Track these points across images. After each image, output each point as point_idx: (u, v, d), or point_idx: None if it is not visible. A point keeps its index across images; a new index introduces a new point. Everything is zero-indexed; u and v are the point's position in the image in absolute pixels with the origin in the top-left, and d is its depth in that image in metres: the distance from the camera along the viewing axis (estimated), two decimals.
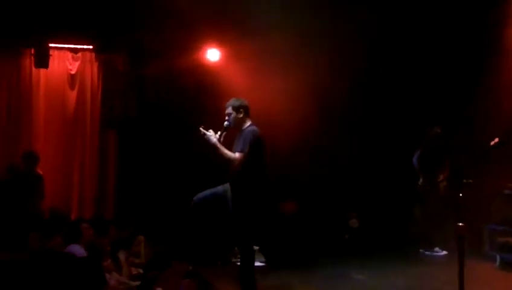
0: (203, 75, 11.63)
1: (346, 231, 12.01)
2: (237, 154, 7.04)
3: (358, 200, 12.05)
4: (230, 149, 7.17)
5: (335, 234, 11.81)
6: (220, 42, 11.73)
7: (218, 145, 7.12)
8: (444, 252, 10.43)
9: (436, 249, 10.53)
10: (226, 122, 7.26)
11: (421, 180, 10.88)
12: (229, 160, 7.09)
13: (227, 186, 7.32)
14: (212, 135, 7.15)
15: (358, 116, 11.93)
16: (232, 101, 7.36)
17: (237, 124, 7.29)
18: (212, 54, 11.83)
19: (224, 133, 7.22)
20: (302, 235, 11.11)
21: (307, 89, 11.11)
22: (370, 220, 11.98)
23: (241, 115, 7.28)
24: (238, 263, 7.44)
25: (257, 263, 8.80)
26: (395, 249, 10.79)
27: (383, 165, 11.86)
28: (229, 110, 7.31)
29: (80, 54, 11.99)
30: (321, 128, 11.58)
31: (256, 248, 9.20)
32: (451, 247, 9.70)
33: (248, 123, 7.30)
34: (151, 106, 11.61)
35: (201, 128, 7.20)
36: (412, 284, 8.36)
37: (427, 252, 10.56)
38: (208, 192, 7.44)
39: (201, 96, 11.30)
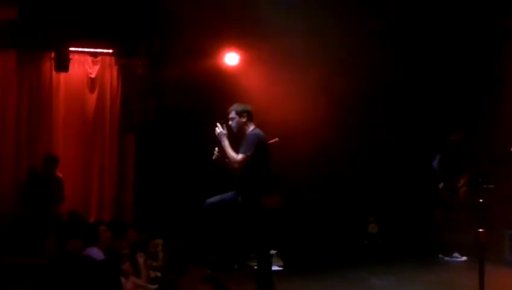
0: (222, 79, 11.62)
1: (365, 237, 11.95)
2: (240, 156, 7.04)
3: (377, 204, 11.99)
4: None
5: (354, 239, 11.76)
6: (239, 46, 11.73)
7: (224, 141, 7.14)
8: (464, 258, 10.34)
9: (456, 254, 10.43)
10: (215, 154, 7.26)
11: (441, 184, 10.79)
12: (231, 159, 7.09)
13: (236, 191, 7.30)
14: (222, 131, 7.18)
15: (377, 120, 11.87)
16: (235, 106, 7.39)
17: (240, 128, 7.30)
18: (231, 58, 11.83)
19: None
20: (320, 240, 11.07)
21: (326, 91, 11.10)
22: (389, 225, 11.91)
23: (244, 120, 7.29)
24: (256, 267, 7.41)
25: (275, 267, 8.79)
26: (414, 254, 10.71)
27: (402, 170, 11.79)
28: (233, 114, 7.33)
29: (99, 58, 12.06)
30: (339, 131, 11.55)
31: (273, 252, 9.20)
32: (471, 253, 9.64)
33: (252, 127, 7.30)
34: (170, 109, 11.63)
35: (219, 123, 7.22)
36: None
37: (446, 258, 10.47)
38: (217, 197, 7.43)
39: (219, 100, 11.27)
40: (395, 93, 11.86)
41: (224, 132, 7.17)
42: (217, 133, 7.18)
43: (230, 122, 7.31)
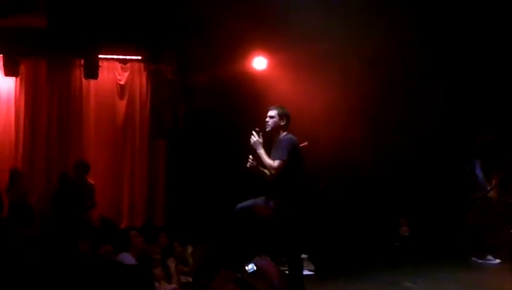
0: (250, 83, 11.63)
1: (397, 239, 11.87)
2: (276, 162, 7.00)
3: (409, 207, 11.90)
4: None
5: (385, 242, 11.68)
6: (267, 50, 11.73)
7: (260, 149, 7.10)
8: (497, 261, 10.19)
9: (489, 257, 10.29)
10: (249, 162, 7.23)
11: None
12: (268, 166, 7.06)
13: (268, 195, 7.27)
14: (257, 138, 7.14)
15: (407, 121, 11.77)
16: (278, 107, 7.33)
17: (275, 130, 7.24)
18: (259, 62, 11.84)
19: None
20: (351, 243, 11.02)
21: (354, 96, 11.04)
22: (421, 227, 11.81)
23: (283, 123, 7.23)
24: (286, 272, 7.39)
25: (306, 272, 8.76)
26: (447, 257, 10.60)
27: (434, 171, 11.70)
28: (274, 113, 7.25)
29: (128, 65, 12.16)
30: (369, 133, 11.49)
31: (304, 256, 9.16)
32: (505, 255, 9.52)
33: (285, 132, 7.26)
34: (199, 114, 11.67)
35: (254, 131, 7.19)
36: None
37: (479, 261, 10.33)
38: (248, 202, 7.41)
39: (248, 104, 11.30)
40: (424, 94, 11.75)
41: (260, 140, 7.13)
42: (252, 142, 7.14)
43: (267, 120, 7.26)
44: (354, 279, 9.24)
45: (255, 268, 4.92)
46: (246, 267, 5.08)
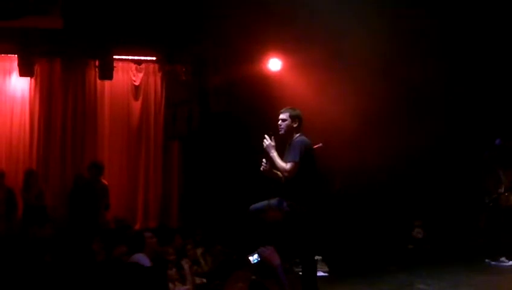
0: (265, 84, 11.63)
1: (411, 241, 11.84)
2: (289, 164, 6.99)
3: (424, 209, 11.86)
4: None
5: (399, 244, 11.65)
6: (282, 52, 11.71)
7: (273, 152, 7.09)
8: (511, 263, 10.15)
9: (503, 259, 10.24)
10: (263, 165, 7.22)
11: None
12: (281, 169, 7.05)
13: (281, 197, 7.27)
14: (269, 142, 7.14)
15: (423, 126, 11.73)
16: (290, 109, 7.31)
17: (288, 132, 7.23)
18: (274, 64, 11.83)
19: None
20: (365, 245, 10.99)
21: (369, 98, 11.01)
22: (435, 229, 11.78)
23: (295, 125, 7.21)
24: (301, 273, 7.39)
25: (320, 273, 8.75)
26: (460, 259, 10.56)
27: (449, 174, 11.66)
28: (286, 116, 7.24)
29: (143, 66, 12.20)
30: (383, 135, 11.45)
31: (319, 257, 9.15)
32: None
33: (298, 134, 7.24)
34: (214, 115, 11.68)
35: (267, 135, 7.19)
36: None
37: (493, 262, 10.29)
38: (262, 203, 7.41)
39: (263, 105, 11.30)
40: (440, 97, 11.72)
41: (273, 143, 7.13)
42: (265, 145, 7.14)
43: (279, 122, 7.26)
44: (368, 281, 9.20)
45: (259, 259, 4.91)
46: (250, 258, 5.07)
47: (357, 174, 11.50)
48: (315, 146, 7.37)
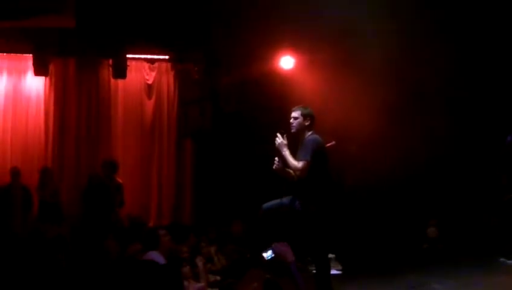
0: (278, 82, 11.62)
1: (425, 241, 11.79)
2: (301, 163, 6.98)
3: (438, 208, 11.81)
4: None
5: (413, 243, 11.60)
6: (295, 50, 11.69)
7: (285, 151, 7.07)
8: None
9: None
10: (275, 163, 7.20)
11: None
12: (293, 167, 7.04)
13: (294, 196, 7.26)
14: (281, 140, 7.12)
15: (435, 123, 11.69)
16: (302, 108, 7.30)
17: (300, 130, 7.22)
18: (286, 62, 11.81)
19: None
20: (379, 244, 10.97)
21: (382, 95, 10.98)
22: (449, 228, 11.72)
23: (307, 123, 7.19)
24: (314, 271, 7.38)
25: (334, 271, 8.72)
26: (475, 258, 10.49)
27: (463, 173, 11.61)
28: (297, 114, 7.22)
29: (156, 64, 12.25)
30: (397, 134, 11.42)
31: (332, 256, 9.13)
32: None
33: (310, 132, 7.22)
34: (226, 114, 11.70)
35: (279, 133, 7.18)
36: None
37: (508, 261, 10.22)
38: (274, 202, 7.40)
39: (276, 103, 11.29)
40: (454, 94, 11.66)
41: (285, 142, 7.11)
42: (277, 144, 7.13)
43: (291, 121, 7.25)
44: (382, 280, 9.18)
45: (273, 255, 4.90)
46: (264, 255, 5.06)
47: (371, 171, 11.47)
48: (327, 144, 7.35)
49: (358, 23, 10.48)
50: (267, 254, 4.86)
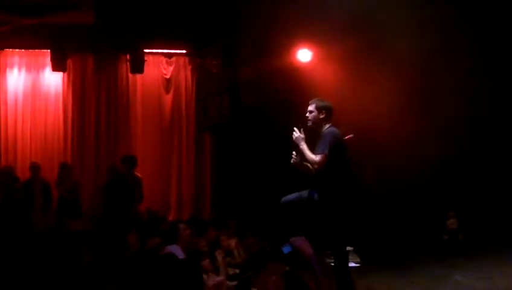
0: (296, 75, 11.59)
1: (445, 232, 11.74)
2: (318, 156, 6.96)
3: (458, 199, 11.74)
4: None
5: (433, 235, 11.55)
6: (314, 42, 11.65)
7: (303, 144, 7.07)
8: None
9: None
10: (293, 158, 7.20)
11: None
12: (310, 161, 7.03)
13: (313, 189, 7.25)
14: (299, 134, 7.11)
15: (455, 114, 11.61)
16: (317, 100, 7.27)
17: (316, 124, 7.19)
18: (303, 55, 11.78)
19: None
20: (398, 236, 10.93)
21: (402, 87, 10.92)
22: (470, 220, 11.65)
23: (322, 116, 7.16)
24: (332, 264, 7.37)
25: (352, 264, 8.71)
26: (495, 250, 10.42)
27: (484, 164, 11.54)
28: (312, 107, 7.20)
29: (173, 59, 12.27)
30: (416, 126, 11.35)
31: (350, 248, 9.12)
32: None
33: (327, 125, 7.19)
34: (245, 107, 11.69)
35: (296, 127, 7.17)
36: (506, 286, 8.06)
37: None
38: (293, 195, 7.39)
39: (294, 97, 11.26)
40: (477, 85, 11.56)
41: (302, 136, 7.11)
42: (294, 138, 7.12)
43: (307, 114, 7.24)
44: (401, 272, 9.14)
45: (291, 249, 4.91)
46: (282, 248, 5.07)
47: (391, 164, 11.43)
48: (346, 137, 7.33)
49: (376, 13, 10.44)
50: (286, 248, 4.87)
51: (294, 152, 7.15)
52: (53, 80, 11.88)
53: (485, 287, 8.11)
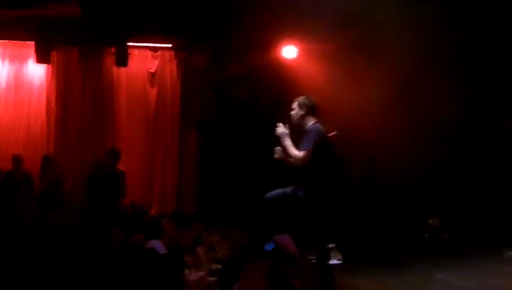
0: (282, 72, 11.61)
1: (426, 230, 11.80)
2: (302, 153, 6.98)
3: (441, 198, 11.81)
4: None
5: (414, 233, 11.61)
6: (298, 39, 11.67)
7: (286, 140, 7.08)
8: None
9: None
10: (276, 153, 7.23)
11: None
12: (294, 157, 7.05)
13: (297, 185, 7.26)
14: (283, 131, 7.13)
15: (438, 113, 11.66)
16: (300, 97, 7.31)
17: (299, 121, 7.22)
18: (289, 51, 11.80)
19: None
20: (380, 233, 10.98)
21: (391, 86, 10.96)
22: (453, 219, 11.72)
23: (302, 112, 7.18)
24: (314, 261, 7.39)
25: (334, 261, 8.73)
26: (479, 248, 10.46)
27: (466, 163, 11.61)
28: (294, 105, 7.24)
29: (159, 53, 12.24)
30: (400, 124, 11.41)
31: (332, 245, 9.14)
32: None
33: (312, 121, 7.21)
34: (230, 103, 11.69)
35: (281, 123, 7.19)
36: (496, 285, 8.11)
37: (511, 252, 10.22)
38: (277, 191, 7.41)
39: (281, 93, 11.27)
40: (458, 83, 11.61)
41: (287, 131, 7.12)
42: (278, 133, 7.14)
43: (291, 112, 7.28)
44: (382, 269, 9.17)
45: (273, 247, 4.94)
46: (266, 246, 5.10)
47: (375, 161, 11.47)
48: (330, 134, 7.35)
49: (364, 11, 10.46)
50: (269, 246, 4.89)
51: (277, 147, 7.17)
52: (37, 72, 11.81)
53: (471, 285, 8.16)
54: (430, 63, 11.22)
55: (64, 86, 11.80)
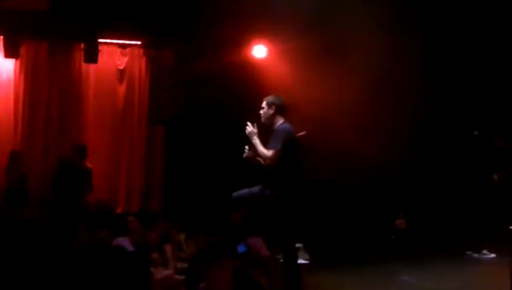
0: (251, 71, 11.63)
1: (393, 232, 11.89)
2: (270, 152, 7.02)
3: (407, 201, 11.90)
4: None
5: (381, 235, 11.69)
6: (268, 39, 11.70)
7: (255, 139, 7.11)
8: (492, 255, 10.21)
9: (484, 251, 10.31)
10: (246, 152, 7.25)
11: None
12: (263, 156, 7.08)
13: (264, 184, 7.28)
14: (251, 129, 7.16)
15: (407, 113, 11.75)
16: (269, 97, 7.37)
17: (266, 120, 7.27)
18: (259, 51, 11.84)
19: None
20: (347, 234, 11.04)
21: (359, 86, 11.03)
22: (419, 221, 11.82)
23: (271, 112, 7.24)
24: (281, 261, 7.41)
25: (301, 261, 8.76)
26: (442, 250, 10.60)
27: (433, 165, 11.72)
28: (263, 104, 7.32)
29: (128, 50, 12.15)
30: (369, 125, 11.48)
31: (300, 245, 9.16)
32: (500, 250, 9.55)
33: (280, 121, 7.25)
34: (199, 100, 11.66)
35: (249, 122, 7.21)
36: (459, 287, 8.22)
37: (475, 255, 10.36)
38: (244, 190, 7.42)
39: (248, 92, 11.28)
40: (428, 86, 11.73)
41: (255, 130, 7.15)
42: (247, 132, 7.16)
43: (260, 111, 7.30)
44: (349, 270, 9.24)
45: (245, 249, 4.94)
46: (238, 248, 5.09)
47: (341, 161, 11.52)
48: (298, 134, 7.38)
49: (334, 12, 10.52)
50: (241, 248, 4.89)
51: (247, 146, 7.19)
52: (5, 67, 11.63)
53: (431, 287, 8.25)
54: (400, 63, 11.32)
55: (32, 81, 11.64)
